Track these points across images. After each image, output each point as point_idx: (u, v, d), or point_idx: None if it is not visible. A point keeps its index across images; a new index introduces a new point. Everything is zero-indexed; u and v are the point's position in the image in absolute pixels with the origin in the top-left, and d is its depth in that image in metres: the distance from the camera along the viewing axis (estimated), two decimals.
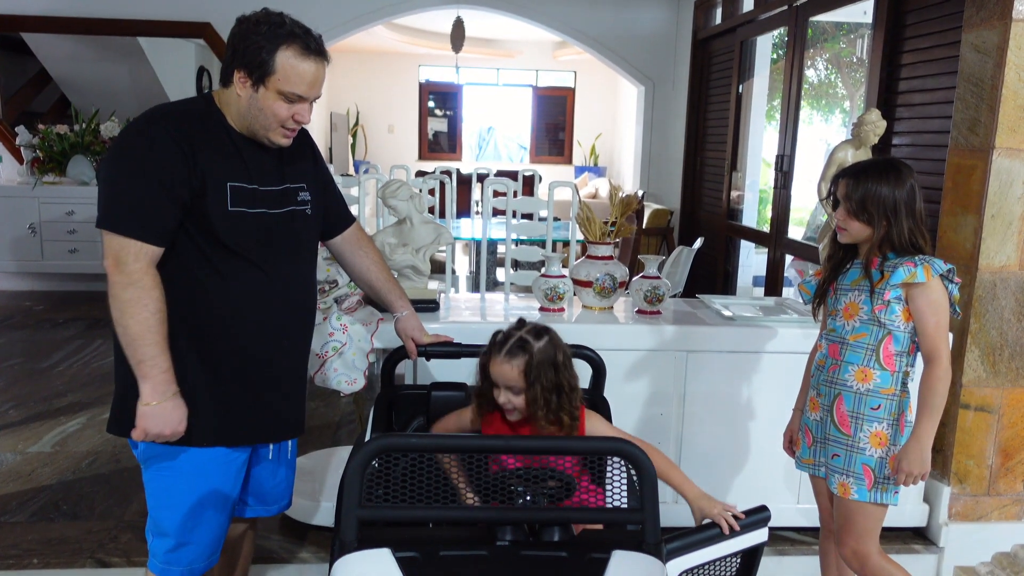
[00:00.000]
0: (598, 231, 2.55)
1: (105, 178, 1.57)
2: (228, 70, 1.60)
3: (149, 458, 1.66)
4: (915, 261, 1.77)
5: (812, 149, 7.92)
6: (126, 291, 1.52)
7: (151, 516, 1.71)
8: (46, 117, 6.49)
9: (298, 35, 1.57)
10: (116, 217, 1.53)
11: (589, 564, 1.35)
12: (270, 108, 1.58)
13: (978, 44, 2.46)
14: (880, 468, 1.84)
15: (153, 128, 1.56)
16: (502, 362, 1.66)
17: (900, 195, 1.78)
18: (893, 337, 1.83)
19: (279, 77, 1.56)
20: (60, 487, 2.85)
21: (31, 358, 4.36)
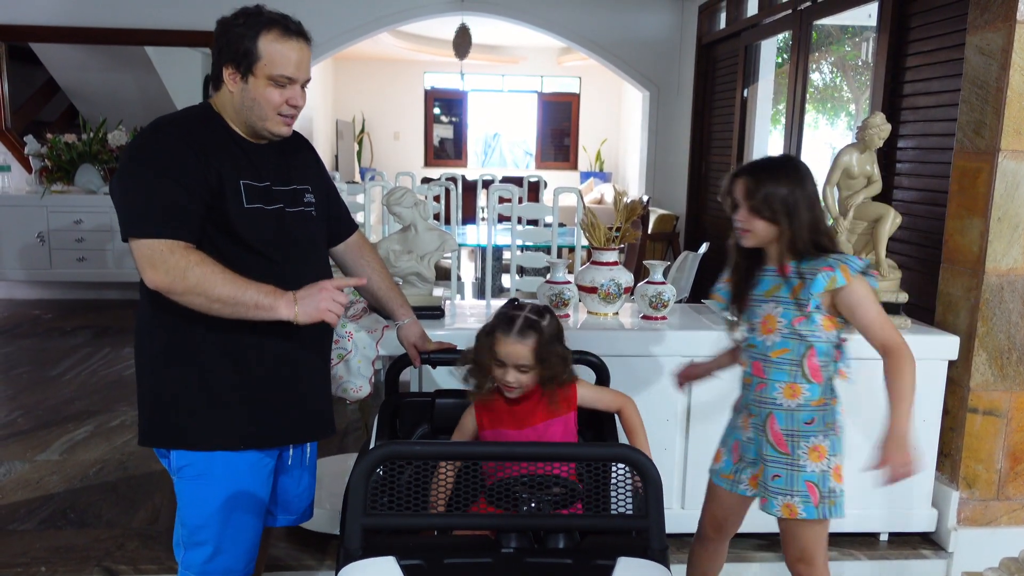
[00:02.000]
0: (603, 237, 2.55)
1: (121, 189, 1.56)
2: (217, 71, 1.62)
3: (182, 467, 1.65)
4: (831, 264, 1.69)
5: (818, 153, 7.91)
6: (187, 279, 1.49)
7: (185, 527, 1.69)
8: (54, 126, 6.53)
9: (276, 19, 1.59)
10: (140, 222, 1.52)
11: (594, 570, 1.34)
12: (263, 96, 1.59)
13: (982, 47, 2.45)
14: (823, 482, 1.78)
15: (161, 135, 1.57)
16: (514, 342, 1.70)
17: (800, 193, 1.72)
18: (816, 349, 1.75)
19: (265, 62, 1.57)
20: (68, 495, 2.86)
21: (39, 366, 4.38)
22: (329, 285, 1.59)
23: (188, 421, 1.62)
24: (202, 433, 1.63)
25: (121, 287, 6.07)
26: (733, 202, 1.78)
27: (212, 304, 1.52)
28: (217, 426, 1.63)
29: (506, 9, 6.27)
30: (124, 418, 3.61)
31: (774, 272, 1.79)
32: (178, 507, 1.70)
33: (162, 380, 1.62)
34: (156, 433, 1.63)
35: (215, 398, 1.62)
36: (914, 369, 1.70)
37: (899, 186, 3.00)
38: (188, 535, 1.69)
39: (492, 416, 1.79)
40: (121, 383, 4.11)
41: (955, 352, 2.51)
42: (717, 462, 1.96)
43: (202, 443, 1.63)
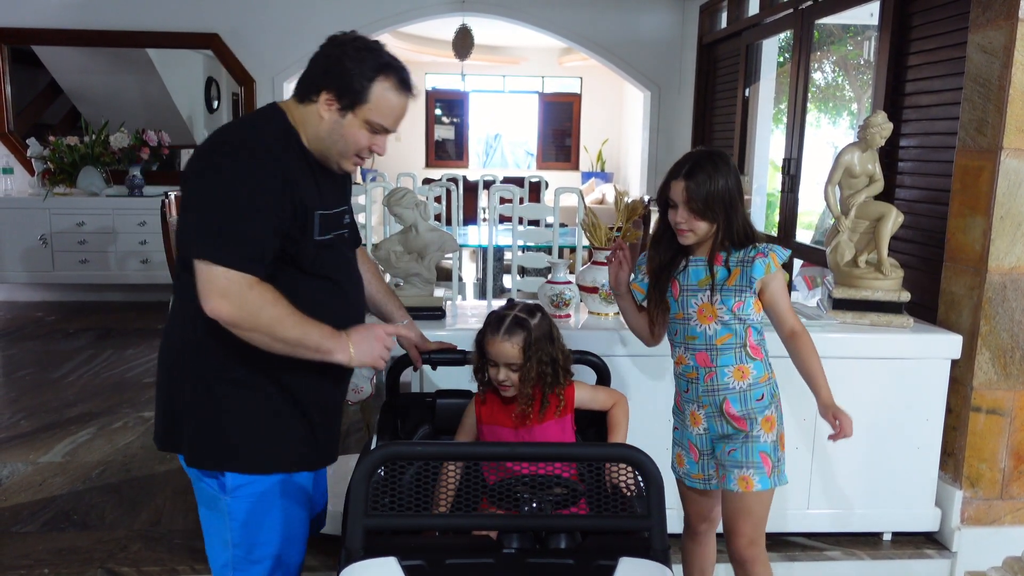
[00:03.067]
0: (604, 237, 2.54)
1: (202, 205, 1.48)
2: (313, 88, 1.54)
3: (239, 487, 1.60)
4: (763, 252, 1.80)
5: (820, 152, 7.90)
6: (259, 318, 1.45)
7: (240, 546, 1.63)
8: (57, 129, 6.54)
9: (395, 68, 1.55)
10: (222, 249, 1.44)
11: (596, 571, 1.34)
12: (353, 136, 1.55)
13: (984, 45, 2.44)
14: (774, 451, 1.87)
15: (253, 156, 1.49)
16: (501, 341, 1.74)
17: (732, 185, 1.79)
18: (752, 329, 1.85)
19: (371, 107, 1.53)
20: (71, 497, 2.86)
21: (42, 368, 4.39)
22: (382, 332, 1.60)
23: (248, 443, 1.58)
24: (264, 455, 1.59)
25: (123, 289, 6.08)
26: (669, 203, 1.82)
27: (274, 344, 1.49)
28: (279, 448, 1.61)
29: (507, 10, 6.27)
30: (127, 420, 3.62)
31: (703, 262, 1.85)
32: (233, 527, 1.62)
33: (216, 402, 1.56)
34: (209, 454, 1.58)
35: (275, 420, 1.59)
36: (816, 350, 1.84)
37: (901, 185, 3.00)
38: (244, 554, 1.64)
39: (490, 413, 1.81)
40: (124, 385, 4.12)
41: (958, 351, 2.51)
42: (681, 465, 1.99)
43: (263, 466, 1.59)
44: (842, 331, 2.51)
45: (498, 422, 1.79)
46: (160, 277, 5.45)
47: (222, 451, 1.59)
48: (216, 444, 1.57)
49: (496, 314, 1.80)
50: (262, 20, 6.03)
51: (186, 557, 2.45)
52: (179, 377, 1.60)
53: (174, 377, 1.61)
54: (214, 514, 1.66)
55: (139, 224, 5.77)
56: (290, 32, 6.09)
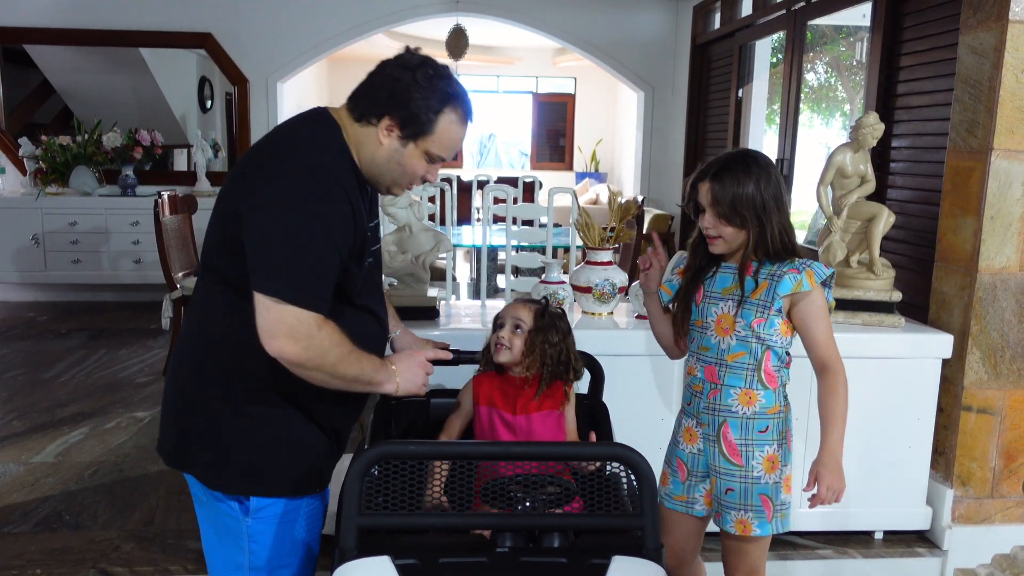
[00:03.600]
0: (597, 237, 2.55)
1: (269, 235, 1.38)
2: (375, 111, 1.46)
3: (262, 507, 1.53)
4: (797, 267, 1.65)
5: (813, 152, 7.92)
6: (325, 359, 1.40)
7: (260, 569, 1.57)
8: (49, 128, 6.52)
9: (462, 99, 1.49)
10: (294, 287, 1.36)
11: (589, 569, 1.34)
12: (411, 165, 1.49)
13: (975, 46, 2.46)
14: (776, 494, 1.73)
15: (319, 177, 1.40)
16: (517, 305, 1.81)
17: (768, 191, 1.64)
18: (772, 352, 1.69)
19: (434, 139, 1.47)
20: (63, 497, 2.85)
21: (34, 369, 4.37)
22: (422, 359, 1.58)
23: (274, 467, 1.53)
24: (289, 479, 1.54)
25: (116, 289, 6.06)
26: (697, 207, 1.71)
27: (331, 381, 1.44)
28: (303, 470, 1.56)
29: (501, 10, 6.28)
30: (119, 420, 3.61)
31: (734, 270, 1.71)
32: (252, 548, 1.56)
33: (241, 426, 1.50)
34: (234, 478, 1.52)
35: (298, 449, 1.55)
36: (847, 393, 1.67)
37: (893, 185, 3.01)
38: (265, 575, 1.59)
39: (487, 393, 1.82)
40: (117, 385, 4.11)
41: (949, 350, 2.52)
42: (664, 485, 1.85)
43: (289, 489, 1.55)
44: (834, 331, 2.51)
45: (496, 404, 1.80)
46: (153, 277, 5.43)
47: (248, 475, 1.52)
48: (238, 467, 1.51)
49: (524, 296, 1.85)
50: (256, 20, 6.02)
51: (179, 557, 2.45)
52: (198, 397, 1.52)
53: (190, 396, 1.53)
54: (226, 539, 1.58)
55: (132, 224, 5.75)
56: (284, 32, 6.09)
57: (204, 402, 1.52)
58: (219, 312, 1.50)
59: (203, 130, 6.47)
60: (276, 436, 1.52)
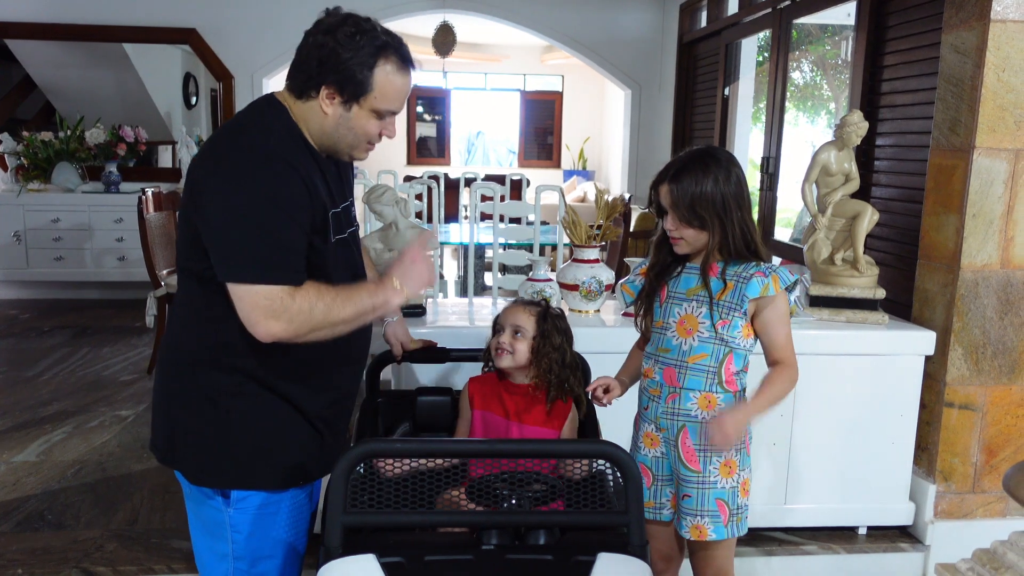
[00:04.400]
0: (584, 234, 2.55)
1: (223, 224, 1.38)
2: (311, 84, 1.44)
3: (243, 499, 1.54)
4: (764, 271, 1.64)
5: (799, 151, 7.96)
6: (312, 320, 1.39)
7: (243, 559, 1.56)
8: (31, 124, 6.45)
9: (393, 46, 1.44)
10: (256, 267, 1.36)
11: (575, 567, 1.35)
12: (362, 127, 1.47)
13: (957, 45, 2.48)
14: (733, 499, 1.72)
15: (267, 160, 1.39)
16: (517, 310, 1.78)
17: (728, 189, 1.62)
18: (734, 355, 1.68)
19: (376, 95, 1.44)
20: (45, 496, 2.82)
21: (16, 367, 4.33)
22: (415, 255, 1.54)
23: (254, 459, 1.52)
24: (270, 471, 1.53)
25: (99, 287, 6.01)
26: (660, 209, 1.69)
27: (336, 329, 1.43)
28: (285, 462, 1.55)
29: (488, 7, 6.26)
30: (103, 419, 3.58)
31: (697, 271, 1.70)
32: (227, 541, 1.55)
33: (221, 419, 1.49)
34: (214, 473, 1.52)
35: (281, 435, 1.53)
36: (791, 388, 1.68)
37: (877, 183, 3.03)
38: (247, 567, 1.58)
39: (484, 397, 1.81)
40: (100, 383, 4.07)
41: (932, 347, 2.55)
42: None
43: (270, 482, 1.54)
44: (818, 328, 2.54)
45: (491, 408, 1.79)
46: (137, 275, 5.39)
47: (229, 470, 1.52)
48: (221, 462, 1.51)
49: None
50: (240, 15, 5.98)
51: (163, 556, 2.43)
52: (179, 392, 1.53)
53: (173, 392, 1.54)
54: (212, 530, 1.58)
55: (116, 221, 5.71)
56: (268, 27, 6.05)
57: (187, 399, 1.52)
58: (196, 309, 1.50)
59: (188, 126, 6.43)
60: (257, 429, 1.52)
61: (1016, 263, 2.48)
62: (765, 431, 2.47)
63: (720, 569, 1.80)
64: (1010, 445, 2.60)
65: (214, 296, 1.43)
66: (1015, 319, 2.52)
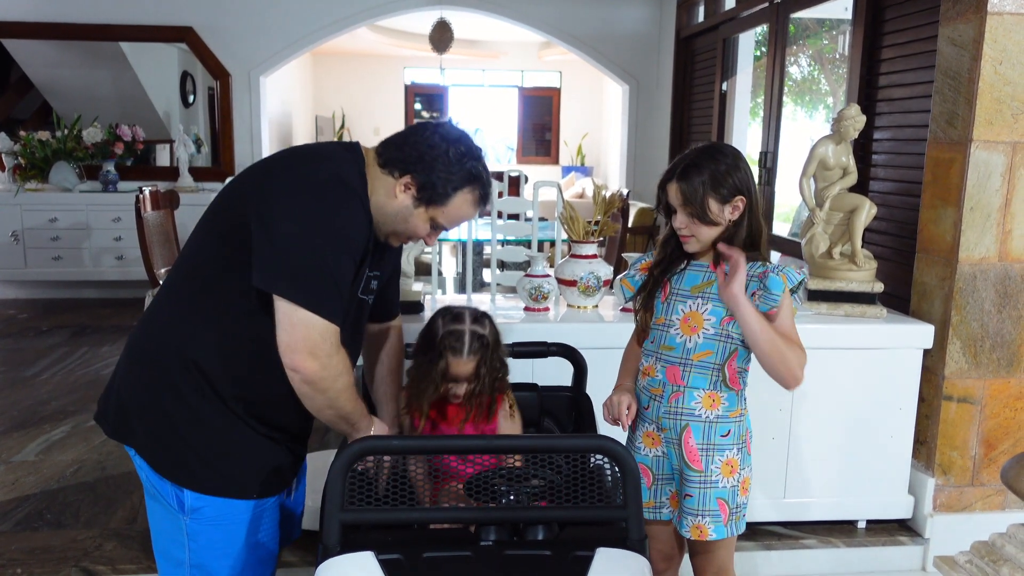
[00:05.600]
0: (582, 230, 2.55)
1: (294, 237, 1.38)
2: (399, 166, 1.49)
3: (199, 508, 1.53)
4: (772, 269, 1.63)
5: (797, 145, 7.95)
6: (337, 382, 1.43)
7: (199, 567, 1.56)
8: (28, 124, 6.45)
9: (482, 182, 1.53)
10: (319, 295, 1.37)
11: (574, 562, 1.34)
12: (415, 226, 1.54)
13: (954, 38, 2.48)
14: (733, 497, 1.71)
15: (347, 189, 1.44)
16: (466, 362, 1.67)
17: (738, 184, 1.61)
18: (739, 353, 1.67)
19: (444, 211, 1.52)
20: (44, 496, 2.82)
21: (14, 367, 4.33)
22: None
23: (221, 466, 1.52)
24: (224, 481, 1.53)
25: (98, 286, 6.00)
26: (669, 208, 1.67)
27: (324, 410, 1.48)
28: (256, 474, 1.55)
29: (485, 3, 6.25)
30: None
31: (705, 268, 1.69)
32: (183, 547, 1.55)
33: (198, 416, 1.50)
34: (171, 467, 1.52)
35: (239, 452, 1.53)
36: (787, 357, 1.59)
37: (875, 177, 3.03)
38: (197, 571, 1.57)
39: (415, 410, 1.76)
40: (99, 383, 4.07)
41: (930, 340, 2.54)
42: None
43: (227, 490, 1.53)
44: (816, 322, 2.54)
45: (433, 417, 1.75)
46: (135, 274, 5.38)
47: (183, 468, 1.51)
48: (177, 459, 1.51)
49: (451, 332, 1.68)
50: (237, 13, 5.97)
51: None
52: (155, 386, 1.51)
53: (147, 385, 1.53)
54: (169, 521, 1.56)
55: (113, 220, 5.70)
56: (266, 25, 6.04)
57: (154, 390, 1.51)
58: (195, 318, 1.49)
59: (185, 125, 6.42)
60: (219, 434, 1.51)
61: (1014, 256, 2.48)
62: (764, 425, 2.46)
63: (721, 567, 1.80)
64: (1009, 438, 2.60)
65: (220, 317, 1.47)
66: (1013, 312, 2.52)
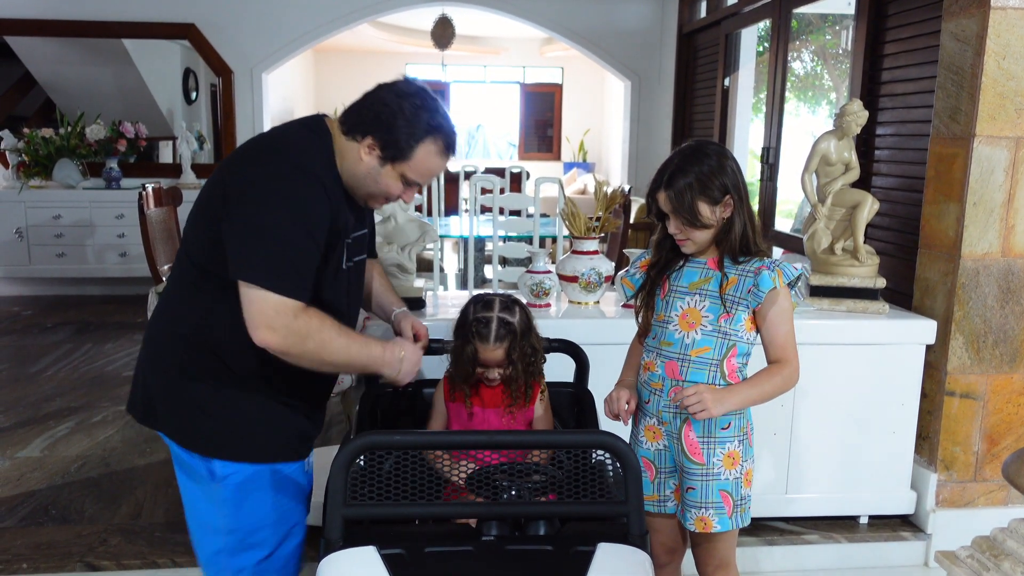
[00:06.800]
0: (583, 226, 2.55)
1: (247, 225, 1.45)
2: (360, 129, 1.54)
3: (229, 475, 1.58)
4: (768, 266, 1.64)
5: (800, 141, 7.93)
6: (305, 345, 1.46)
7: (235, 532, 1.61)
8: (31, 121, 6.45)
9: (444, 131, 1.56)
10: (269, 274, 1.43)
11: (575, 557, 1.35)
12: (386, 184, 1.57)
13: (958, 33, 2.47)
14: (736, 490, 1.72)
15: (304, 176, 1.48)
16: (493, 348, 1.75)
17: (725, 182, 1.62)
18: (738, 349, 1.68)
19: (410, 165, 1.55)
20: (49, 491, 2.84)
21: (19, 363, 4.34)
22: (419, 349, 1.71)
23: (243, 433, 1.58)
24: (254, 444, 1.59)
25: (101, 283, 6.02)
26: (660, 214, 1.69)
27: (321, 366, 1.53)
28: (276, 439, 1.61)
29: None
30: (106, 414, 3.59)
31: (703, 264, 1.71)
32: (232, 514, 1.60)
33: (216, 392, 1.56)
34: (198, 441, 1.58)
35: (270, 418, 1.59)
36: (784, 388, 1.67)
37: (878, 172, 3.03)
38: (239, 540, 1.62)
39: (459, 392, 1.84)
40: (103, 379, 4.08)
41: (932, 336, 2.54)
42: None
43: (253, 454, 1.59)
44: (819, 317, 2.54)
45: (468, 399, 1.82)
46: (139, 270, 5.40)
47: (212, 440, 1.58)
48: (208, 431, 1.57)
49: (480, 319, 1.77)
50: (239, 10, 5.97)
51: (166, 550, 2.44)
52: (173, 369, 1.57)
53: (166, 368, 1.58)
54: (202, 492, 1.62)
55: (117, 217, 5.71)
56: (268, 22, 6.04)
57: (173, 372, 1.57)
58: (200, 303, 1.54)
59: (188, 122, 6.42)
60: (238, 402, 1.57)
61: (1017, 251, 2.48)
62: (766, 421, 2.47)
63: (723, 560, 1.81)
64: (1011, 433, 2.60)
65: (221, 294, 1.50)
66: (1016, 307, 2.51)
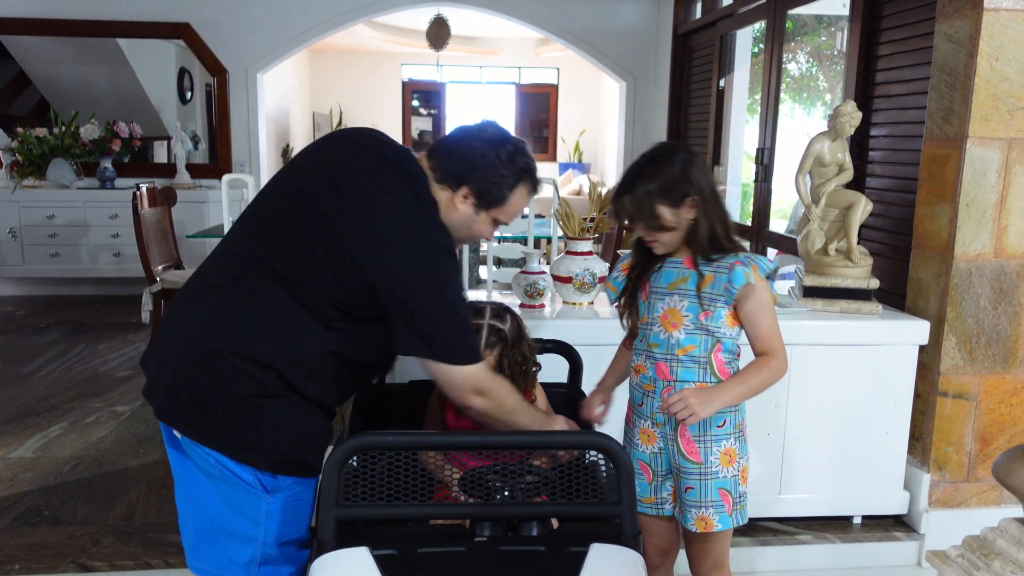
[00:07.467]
0: (577, 227, 2.55)
1: (436, 309, 1.49)
2: (455, 179, 1.57)
3: (283, 487, 1.56)
4: (743, 260, 1.64)
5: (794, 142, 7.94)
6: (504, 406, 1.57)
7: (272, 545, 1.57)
8: (25, 120, 6.43)
9: (532, 171, 1.62)
10: (468, 349, 1.53)
11: (568, 557, 1.35)
12: (479, 229, 1.63)
13: (951, 34, 2.48)
14: (735, 487, 1.72)
15: (446, 243, 1.54)
16: (484, 355, 1.68)
17: (687, 185, 1.62)
18: (723, 344, 1.69)
19: (504, 209, 1.60)
20: (42, 492, 2.83)
21: (13, 363, 4.33)
22: None
23: (311, 451, 1.59)
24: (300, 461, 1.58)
25: (95, 283, 6.00)
26: (628, 218, 1.69)
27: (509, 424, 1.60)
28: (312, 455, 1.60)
29: (483, 0, 6.25)
30: (99, 415, 3.58)
31: (680, 264, 1.71)
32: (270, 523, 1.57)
33: (299, 414, 1.55)
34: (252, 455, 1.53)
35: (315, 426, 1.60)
36: (773, 380, 1.66)
37: (871, 173, 3.03)
38: (278, 551, 1.58)
39: (455, 418, 1.78)
40: (96, 379, 4.07)
41: (925, 337, 2.55)
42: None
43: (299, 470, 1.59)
44: (812, 318, 2.54)
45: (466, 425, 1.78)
46: (132, 271, 5.38)
47: (294, 459, 1.56)
48: (287, 452, 1.54)
49: None
50: (234, 10, 5.96)
51: (160, 551, 2.43)
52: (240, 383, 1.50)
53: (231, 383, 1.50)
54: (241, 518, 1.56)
55: (111, 217, 5.70)
56: (263, 22, 6.03)
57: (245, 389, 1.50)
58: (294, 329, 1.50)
59: (183, 122, 6.41)
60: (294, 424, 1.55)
61: (1009, 252, 2.49)
62: (759, 421, 2.47)
63: (718, 559, 1.80)
64: (1004, 434, 2.61)
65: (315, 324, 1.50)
66: (1008, 308, 2.52)
